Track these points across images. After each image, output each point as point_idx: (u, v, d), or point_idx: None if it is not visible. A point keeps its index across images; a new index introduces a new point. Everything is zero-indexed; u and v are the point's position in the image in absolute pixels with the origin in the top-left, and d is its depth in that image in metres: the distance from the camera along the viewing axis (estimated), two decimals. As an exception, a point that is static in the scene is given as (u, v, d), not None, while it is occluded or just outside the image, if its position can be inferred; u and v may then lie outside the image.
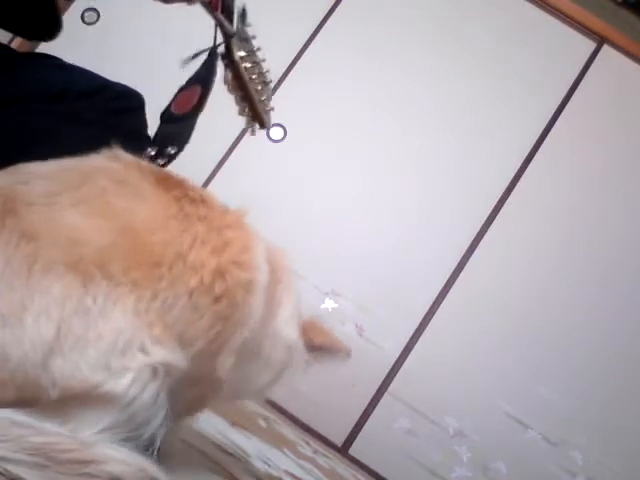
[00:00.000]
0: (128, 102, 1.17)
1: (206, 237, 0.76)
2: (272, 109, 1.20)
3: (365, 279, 2.12)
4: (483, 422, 2.03)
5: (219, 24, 1.09)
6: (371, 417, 2.04)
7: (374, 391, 2.05)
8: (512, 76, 2.24)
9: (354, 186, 2.19)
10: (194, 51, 1.10)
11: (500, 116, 2.22)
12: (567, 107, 2.21)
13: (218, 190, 0.89)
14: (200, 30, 1.11)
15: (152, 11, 2.31)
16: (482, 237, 2.14)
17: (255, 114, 1.20)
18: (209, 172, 2.16)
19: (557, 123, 2.20)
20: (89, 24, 2.25)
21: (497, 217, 2.15)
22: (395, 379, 2.06)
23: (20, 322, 0.61)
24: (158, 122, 1.14)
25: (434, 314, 2.09)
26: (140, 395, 0.66)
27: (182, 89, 1.14)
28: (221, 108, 1.14)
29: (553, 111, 2.21)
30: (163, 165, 1.09)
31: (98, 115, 1.13)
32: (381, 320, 2.10)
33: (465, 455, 2.01)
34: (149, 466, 0.63)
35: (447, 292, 2.10)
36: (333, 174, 2.20)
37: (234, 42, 1.09)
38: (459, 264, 2.12)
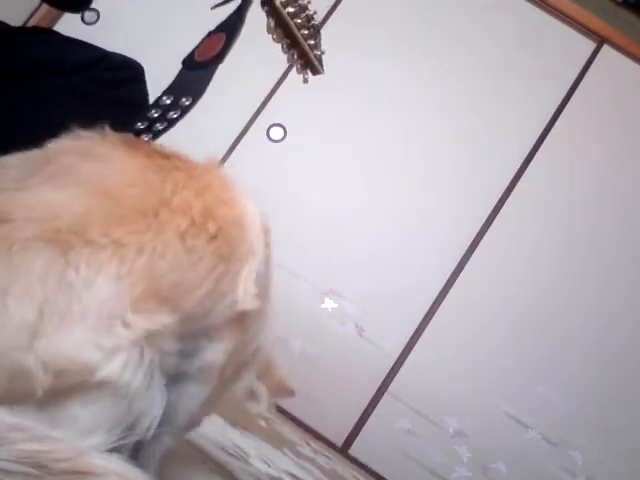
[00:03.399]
0: (127, 73, 1.15)
1: (187, 183, 0.75)
2: (323, 53, 1.16)
3: (365, 279, 2.12)
4: (483, 422, 2.03)
5: None
6: (371, 417, 2.04)
7: (374, 391, 2.05)
8: (512, 76, 2.24)
9: (354, 186, 2.19)
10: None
11: (500, 116, 2.22)
12: (567, 107, 2.21)
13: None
14: (201, 31, 1.10)
15: (152, 11, 2.31)
16: (482, 237, 2.14)
17: (306, 61, 1.15)
18: (209, 172, 2.16)
19: (557, 123, 2.20)
20: (89, 24, 2.25)
21: (497, 217, 2.15)
22: (395, 379, 2.06)
23: (4, 307, 0.59)
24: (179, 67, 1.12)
25: (434, 314, 2.09)
26: (134, 379, 0.63)
27: (209, 35, 1.11)
28: (221, 107, 1.14)
29: (553, 111, 2.21)
30: (176, 119, 1.06)
31: (96, 87, 1.11)
32: (381, 320, 2.10)
33: (465, 455, 2.01)
34: (144, 478, 0.61)
35: (447, 292, 2.10)
36: (333, 174, 2.20)
37: None
38: (459, 264, 2.12)
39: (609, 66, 2.23)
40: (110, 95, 1.12)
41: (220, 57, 1.08)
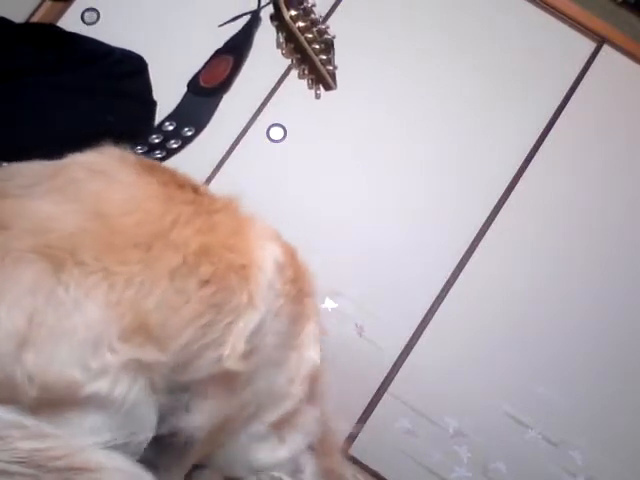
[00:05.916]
0: (129, 66, 1.15)
1: (191, 218, 0.72)
2: (336, 68, 1.13)
3: (365, 279, 2.12)
4: (483, 422, 2.03)
5: None
6: (371, 417, 2.03)
7: (374, 391, 2.05)
8: (512, 76, 2.24)
9: (354, 186, 2.19)
10: (234, 14, 1.03)
11: (500, 116, 2.22)
12: (567, 107, 2.21)
13: (218, 191, 0.88)
14: (200, 32, 1.10)
15: (153, 12, 2.31)
16: (482, 237, 2.14)
17: (318, 76, 1.12)
18: (208, 173, 2.16)
19: (557, 123, 2.20)
20: (89, 24, 2.25)
21: (497, 217, 2.14)
22: (395, 379, 2.06)
23: None
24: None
25: (434, 314, 2.09)
26: (126, 396, 0.63)
27: (214, 56, 1.09)
28: (220, 108, 1.14)
29: (553, 111, 2.21)
30: (176, 149, 1.06)
31: (100, 82, 1.10)
32: (381, 320, 2.10)
33: (465, 455, 2.01)
34: (144, 474, 0.61)
35: (447, 292, 2.10)
36: (333, 174, 2.20)
37: (282, 1, 1.02)
38: (459, 264, 2.12)
39: (609, 66, 2.23)
40: (114, 89, 1.11)
41: (226, 84, 1.07)
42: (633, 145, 2.20)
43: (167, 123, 1.03)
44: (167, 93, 1.10)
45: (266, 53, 2.12)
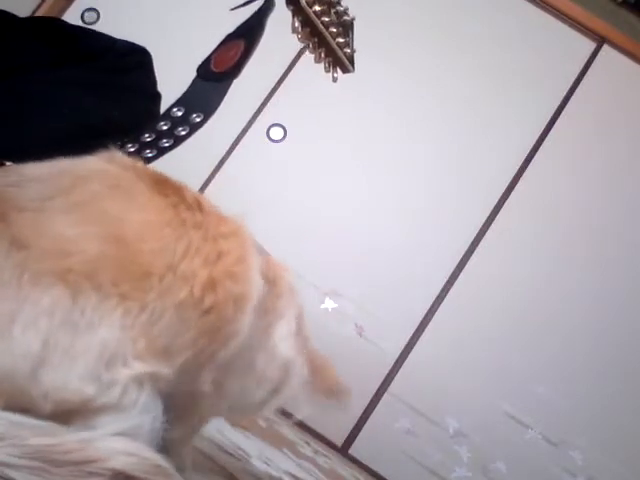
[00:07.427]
0: (133, 60, 1.14)
1: (200, 246, 0.75)
2: (354, 51, 1.12)
3: (365, 279, 2.12)
4: (483, 422, 2.03)
5: None
6: (371, 417, 2.04)
7: (374, 391, 2.05)
8: (512, 76, 2.24)
9: (354, 186, 2.19)
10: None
11: (500, 116, 2.22)
12: (567, 107, 2.21)
13: (218, 191, 0.88)
14: (201, 31, 1.10)
15: (152, 11, 2.31)
16: (482, 237, 2.14)
17: (334, 59, 1.11)
18: (208, 173, 2.16)
19: (557, 123, 2.20)
20: (89, 24, 2.25)
21: (497, 217, 2.15)
22: (395, 379, 2.06)
23: (9, 333, 0.60)
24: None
25: (434, 314, 2.09)
26: (134, 404, 0.66)
27: (225, 41, 1.08)
28: (220, 107, 1.13)
29: (553, 111, 2.21)
30: (184, 137, 1.04)
31: (105, 77, 1.09)
32: (381, 320, 2.10)
33: (465, 455, 2.01)
34: (153, 455, 0.62)
35: (447, 292, 2.10)
36: (333, 174, 2.20)
37: None
38: (459, 264, 2.12)
39: (609, 66, 2.23)
40: (118, 83, 1.10)
41: (237, 68, 1.05)
42: (633, 145, 2.20)
43: (175, 109, 1.01)
44: (170, 87, 1.10)
45: (266, 54, 2.12)
